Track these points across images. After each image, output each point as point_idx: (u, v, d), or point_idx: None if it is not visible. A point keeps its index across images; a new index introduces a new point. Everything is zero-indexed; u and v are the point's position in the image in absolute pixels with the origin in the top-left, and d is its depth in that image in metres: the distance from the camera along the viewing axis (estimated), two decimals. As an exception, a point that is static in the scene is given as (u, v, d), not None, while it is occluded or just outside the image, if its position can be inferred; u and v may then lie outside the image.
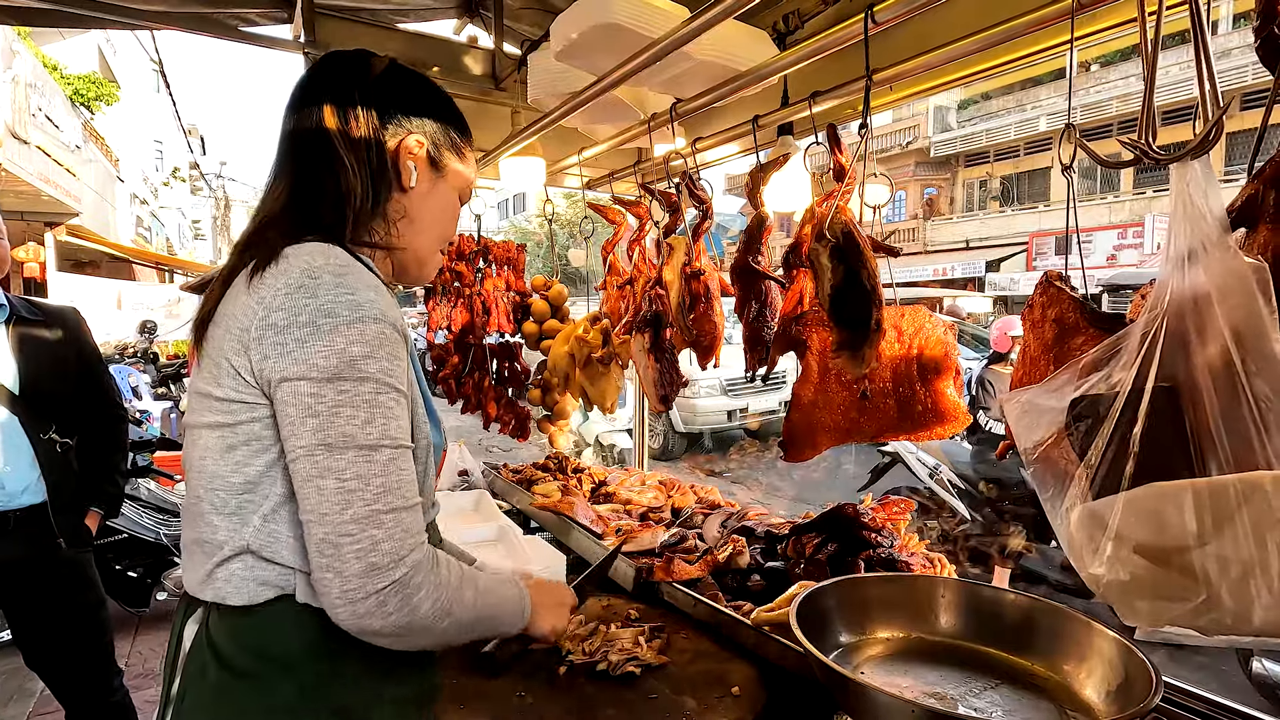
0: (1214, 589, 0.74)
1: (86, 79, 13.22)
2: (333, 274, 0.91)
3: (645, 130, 1.97)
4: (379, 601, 0.86)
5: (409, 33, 2.62)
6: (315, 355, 0.86)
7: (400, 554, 0.87)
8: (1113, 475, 0.82)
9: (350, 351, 0.87)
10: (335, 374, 0.86)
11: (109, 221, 14.49)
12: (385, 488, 0.88)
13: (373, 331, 0.89)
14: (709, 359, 2.00)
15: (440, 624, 0.92)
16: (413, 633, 0.91)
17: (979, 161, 23.67)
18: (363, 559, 0.85)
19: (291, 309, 0.88)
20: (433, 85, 1.14)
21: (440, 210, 1.12)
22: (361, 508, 0.86)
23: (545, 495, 2.32)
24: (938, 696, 1.09)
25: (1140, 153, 0.87)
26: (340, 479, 0.86)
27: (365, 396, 0.88)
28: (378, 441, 0.88)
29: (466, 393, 2.88)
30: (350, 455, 0.86)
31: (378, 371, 0.89)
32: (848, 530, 1.69)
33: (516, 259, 2.89)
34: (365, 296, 0.90)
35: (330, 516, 0.86)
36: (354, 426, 0.87)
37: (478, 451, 6.65)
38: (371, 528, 0.86)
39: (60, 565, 2.17)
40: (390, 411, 0.90)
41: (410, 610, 0.88)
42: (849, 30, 1.35)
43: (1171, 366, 0.79)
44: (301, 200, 1.01)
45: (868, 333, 1.36)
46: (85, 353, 2.29)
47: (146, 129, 23.60)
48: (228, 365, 0.91)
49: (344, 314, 0.88)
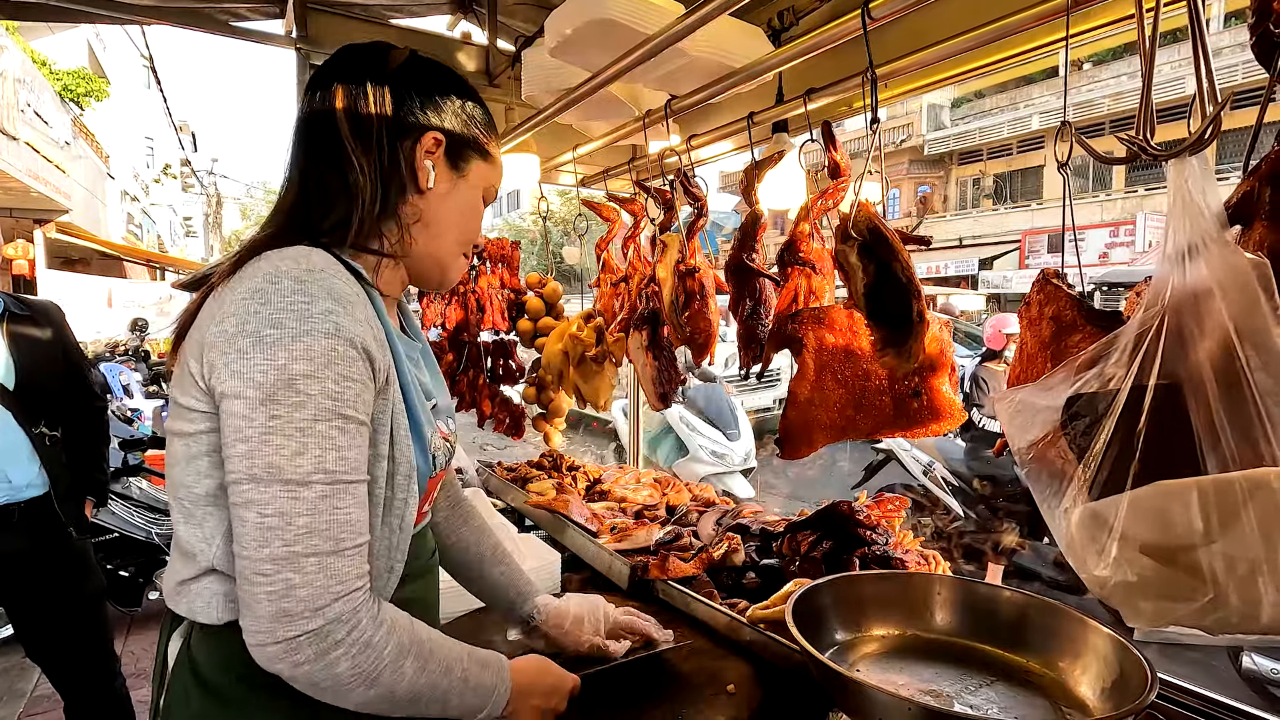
0: (1220, 587, 0.74)
1: (76, 74, 13.11)
2: (294, 279, 0.82)
3: (640, 127, 1.96)
4: (289, 648, 0.78)
5: (402, 28, 2.61)
6: (254, 370, 0.78)
7: (318, 604, 0.78)
8: (1114, 474, 0.82)
9: (291, 369, 0.78)
10: (269, 395, 0.78)
11: (99, 218, 14.38)
12: (310, 528, 0.78)
13: (321, 348, 0.80)
14: (704, 356, 2.00)
15: (363, 691, 0.82)
16: (329, 692, 0.82)
17: (972, 160, 23.74)
18: (275, 603, 0.77)
19: (241, 316, 0.81)
20: (456, 78, 1.05)
21: (460, 212, 1.03)
22: (280, 548, 0.77)
23: (540, 493, 2.32)
24: (933, 694, 1.09)
25: (1138, 148, 0.87)
26: (261, 514, 0.78)
27: (299, 424, 0.78)
28: (307, 476, 0.79)
29: (461, 390, 2.87)
30: (274, 489, 0.78)
31: (320, 394, 0.79)
32: (842, 528, 1.69)
33: (511, 256, 2.87)
34: (321, 307, 0.81)
35: (248, 552, 0.78)
36: (282, 458, 0.78)
37: (472, 450, 6.62)
38: (288, 570, 0.77)
39: (67, 554, 2.24)
40: (330, 441, 0.80)
41: (325, 667, 0.79)
42: (844, 27, 1.34)
43: (1172, 363, 0.79)
44: (305, 202, 0.95)
45: (911, 326, 1.33)
46: (69, 347, 2.36)
47: (137, 125, 23.41)
48: (188, 372, 0.86)
49: (291, 325, 0.79)
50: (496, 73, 2.66)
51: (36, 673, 3.49)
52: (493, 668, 0.97)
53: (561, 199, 14.50)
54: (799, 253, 1.65)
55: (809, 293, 1.68)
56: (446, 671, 0.90)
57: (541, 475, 2.60)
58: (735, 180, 23.65)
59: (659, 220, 2.06)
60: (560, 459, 2.81)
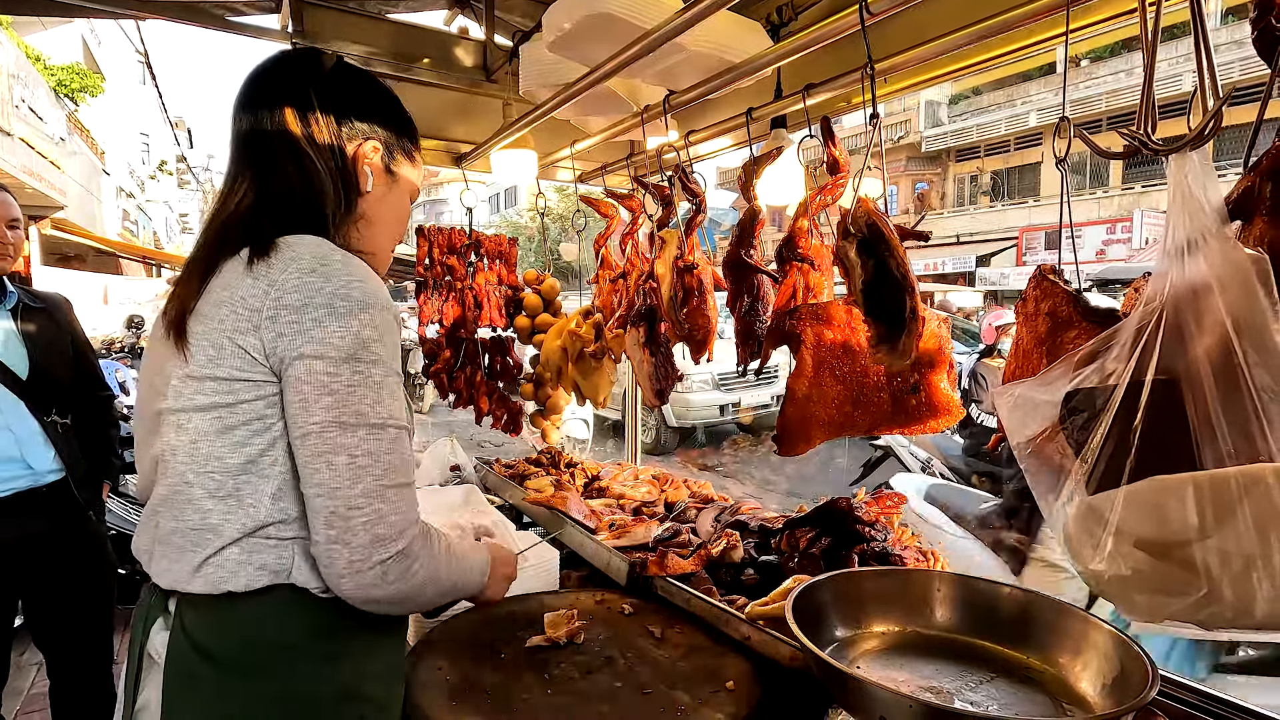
0: (1215, 583, 0.74)
1: (70, 70, 13.04)
2: (341, 262, 0.96)
3: (638, 123, 1.95)
4: (382, 572, 0.91)
5: (398, 23, 2.59)
6: (332, 335, 0.91)
7: (402, 527, 0.93)
8: (1111, 469, 0.82)
9: (363, 335, 0.92)
10: (350, 355, 0.91)
11: (95, 215, 14.33)
12: (391, 465, 0.93)
13: (381, 319, 0.95)
14: (702, 353, 1.99)
15: (428, 591, 1.00)
16: (405, 601, 0.97)
17: (970, 156, 23.74)
18: (370, 530, 0.90)
19: (306, 290, 0.92)
20: (382, 87, 1.16)
21: (394, 213, 1.16)
22: (371, 482, 0.91)
23: (538, 490, 2.31)
24: (934, 690, 1.09)
25: (1139, 144, 0.86)
26: (352, 455, 0.90)
27: (376, 378, 0.93)
28: (385, 421, 0.93)
29: (458, 387, 2.86)
30: (362, 433, 0.91)
31: (385, 356, 0.94)
32: (841, 524, 1.69)
33: (508, 253, 2.87)
34: (373, 286, 0.96)
35: (341, 490, 0.90)
36: (366, 405, 0.92)
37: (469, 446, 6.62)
38: (378, 501, 0.91)
39: (86, 536, 2.34)
40: (395, 393, 0.95)
41: (408, 579, 0.94)
42: (843, 22, 1.33)
43: (1171, 359, 0.79)
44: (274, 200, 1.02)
45: (904, 323, 1.33)
46: (77, 338, 2.46)
47: (132, 121, 23.35)
48: (232, 345, 0.93)
49: (357, 299, 0.93)
50: (494, 68, 2.65)
51: (34, 671, 3.49)
52: (479, 547, 1.20)
53: (559, 195, 14.48)
54: (797, 249, 1.64)
55: (807, 289, 1.67)
56: (464, 557, 1.10)
57: (540, 472, 2.60)
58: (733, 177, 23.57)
59: (657, 216, 2.06)
60: (559, 456, 2.81)
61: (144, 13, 2.33)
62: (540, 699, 1.27)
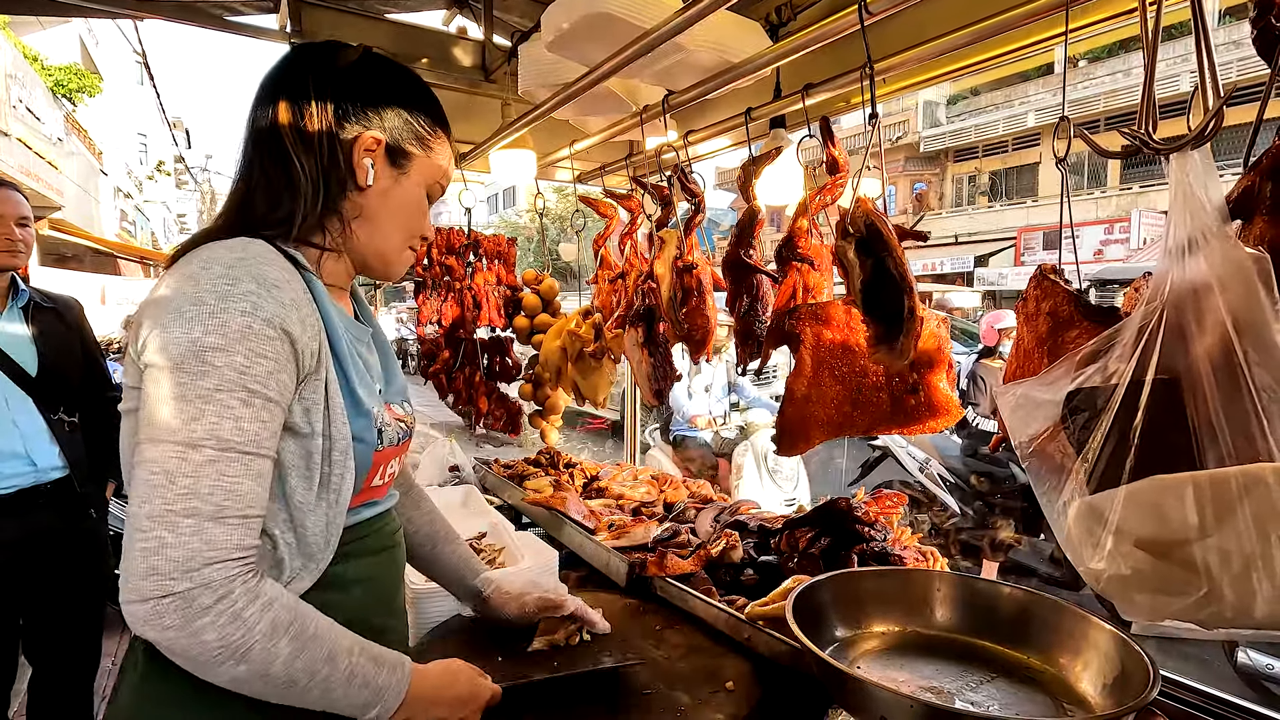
0: (1215, 582, 0.74)
1: (68, 70, 13.02)
2: (225, 264, 0.87)
3: (637, 123, 1.95)
4: (154, 610, 0.78)
5: (397, 23, 2.59)
6: (169, 342, 0.83)
7: (189, 566, 0.79)
8: (1111, 468, 0.81)
9: (203, 341, 0.82)
10: (178, 363, 0.82)
11: (92, 215, 14.30)
12: (192, 491, 0.80)
13: (237, 324, 0.83)
14: (701, 353, 1.99)
15: (231, 667, 0.81)
16: (198, 664, 0.81)
17: (968, 157, 23.76)
18: (146, 559, 0.79)
19: (170, 296, 0.85)
20: (404, 74, 1.08)
21: (401, 208, 1.05)
22: (159, 505, 0.80)
23: (537, 490, 2.31)
24: (934, 690, 1.09)
25: (1140, 143, 0.86)
26: (149, 472, 0.81)
27: (201, 391, 0.82)
28: (198, 440, 0.81)
29: (457, 388, 2.86)
30: (163, 449, 0.81)
31: (226, 366, 0.82)
32: (840, 524, 1.69)
33: (507, 253, 2.86)
34: (244, 288, 0.85)
35: (131, 509, 0.81)
36: (179, 420, 0.81)
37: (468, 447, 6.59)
38: (162, 529, 0.79)
39: (86, 533, 2.37)
40: (229, 411, 0.82)
41: (191, 634, 0.79)
42: (842, 22, 1.33)
43: (1171, 358, 0.79)
44: (250, 198, 0.98)
45: (902, 323, 1.33)
46: (87, 339, 2.50)
47: (130, 122, 23.30)
48: (131, 351, 0.90)
49: (211, 303, 0.83)
50: (492, 68, 2.65)
51: (31, 672, 3.47)
52: (389, 666, 0.94)
53: (558, 195, 14.47)
54: (797, 249, 1.64)
55: (806, 289, 1.67)
56: (329, 659, 0.88)
57: (539, 472, 2.60)
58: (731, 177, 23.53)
59: (656, 216, 2.05)
60: (558, 456, 2.81)
61: (142, 12, 2.33)
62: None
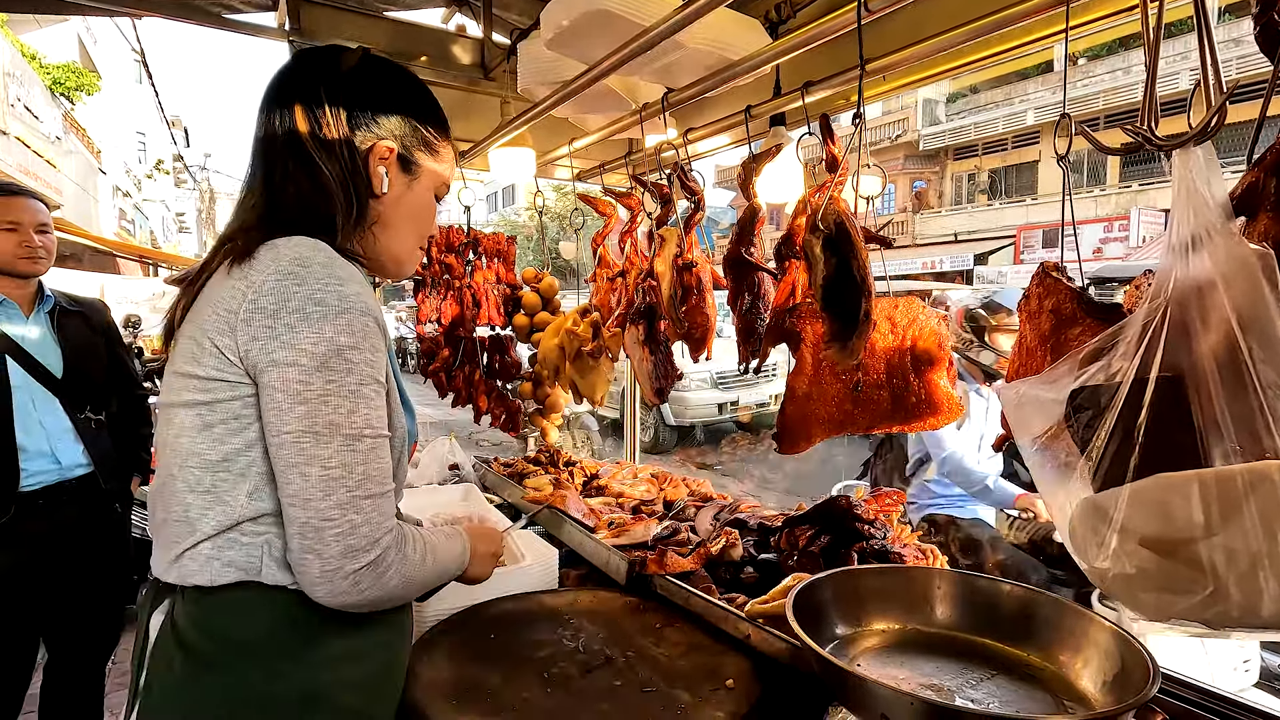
0: (1221, 581, 0.74)
1: (66, 68, 12.99)
2: (322, 265, 0.93)
3: (636, 120, 1.95)
4: (354, 581, 0.91)
5: (396, 21, 2.59)
6: (305, 342, 0.89)
7: (375, 537, 0.92)
8: (1116, 467, 0.81)
9: (338, 341, 0.90)
10: (324, 363, 0.89)
11: (91, 214, 14.27)
12: (366, 475, 0.92)
13: (359, 324, 0.92)
14: (701, 351, 1.99)
15: (405, 592, 1.00)
16: (381, 603, 0.97)
17: (967, 155, 23.75)
18: (342, 541, 0.90)
19: (281, 294, 0.90)
20: (407, 78, 1.11)
21: (414, 212, 1.11)
22: (344, 494, 0.90)
23: (537, 489, 2.31)
24: (934, 688, 1.09)
25: (1143, 139, 0.86)
26: (325, 466, 0.89)
27: (351, 387, 0.91)
28: (360, 431, 0.92)
29: (457, 386, 2.85)
30: (336, 444, 0.90)
31: (362, 363, 0.92)
32: (840, 522, 1.68)
33: (507, 251, 2.86)
34: (352, 289, 0.93)
35: (314, 502, 0.89)
36: (340, 415, 0.90)
37: (468, 445, 6.59)
38: (351, 513, 0.90)
39: (110, 527, 2.45)
40: (371, 402, 0.93)
41: (381, 586, 0.94)
42: (842, 19, 1.33)
43: (1175, 355, 0.79)
44: (283, 205, 1.01)
45: (857, 324, 1.35)
46: (112, 340, 2.58)
47: (129, 120, 23.22)
48: (211, 345, 0.93)
49: (333, 304, 0.91)
50: (492, 66, 2.64)
51: (36, 672, 3.48)
52: (455, 535, 1.18)
53: (557, 194, 14.47)
54: (796, 246, 1.64)
55: (806, 287, 1.67)
56: (440, 550, 1.08)
57: (539, 471, 2.59)
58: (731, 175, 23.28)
59: (655, 215, 2.05)
60: (557, 454, 2.81)
61: (140, 10, 2.32)
62: (540, 697, 1.27)
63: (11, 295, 2.28)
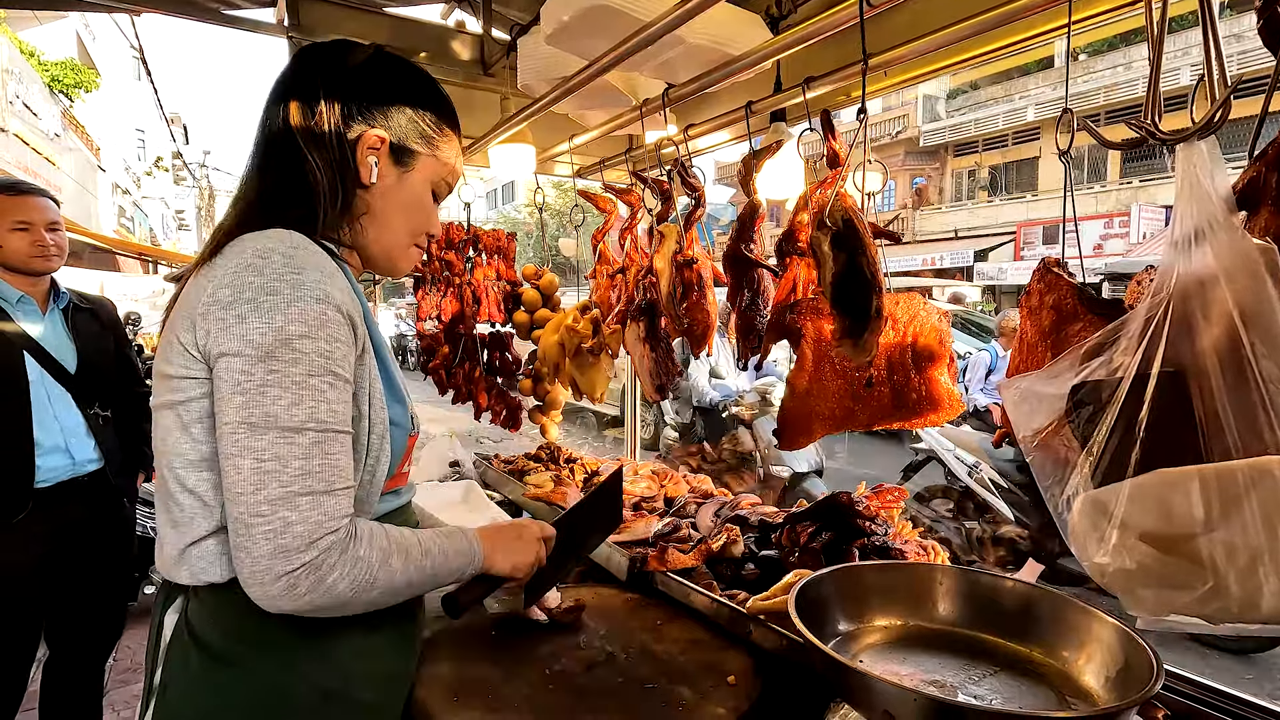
0: (1221, 576, 0.73)
1: (65, 66, 12.97)
2: (283, 255, 0.91)
3: (637, 116, 1.95)
4: (289, 584, 0.85)
5: (395, 17, 2.58)
6: (252, 332, 0.86)
7: (313, 537, 0.86)
8: (1116, 462, 0.81)
9: (287, 330, 0.87)
10: (268, 352, 0.86)
11: (90, 211, 14.27)
12: (305, 471, 0.87)
13: (314, 312, 0.88)
14: (701, 347, 1.99)
15: (366, 596, 0.92)
16: (334, 609, 0.90)
17: (967, 151, 23.71)
18: (272, 540, 0.84)
19: (237, 286, 0.88)
20: (414, 72, 1.10)
21: (405, 206, 1.08)
22: (276, 489, 0.85)
23: (538, 486, 2.31)
24: (937, 684, 1.08)
25: (1146, 133, 0.86)
26: (258, 459, 0.85)
27: (295, 378, 0.87)
28: (302, 424, 0.87)
29: (457, 383, 2.85)
30: (271, 436, 0.86)
31: (313, 353, 0.88)
32: (842, 519, 1.68)
33: (507, 248, 2.85)
34: (311, 277, 0.90)
35: (245, 496, 0.85)
36: (279, 407, 0.86)
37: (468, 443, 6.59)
38: (284, 510, 0.85)
39: (119, 521, 2.48)
40: (321, 395, 0.88)
41: (325, 591, 0.87)
42: (843, 14, 1.33)
43: (1177, 351, 0.78)
44: (269, 198, 1.00)
45: (868, 320, 1.34)
46: (120, 338, 2.63)
47: (128, 117, 23.21)
48: (178, 343, 0.92)
49: (286, 292, 0.88)
50: (491, 62, 2.63)
51: (37, 667, 3.49)
52: (459, 534, 1.09)
53: (557, 190, 14.46)
54: (797, 243, 1.64)
55: (807, 283, 1.67)
56: (427, 554, 1.00)
57: (539, 468, 2.59)
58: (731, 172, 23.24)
59: (656, 211, 2.05)
60: (558, 451, 2.81)
61: (139, 6, 2.31)
62: (542, 694, 1.27)
63: (27, 293, 2.30)
